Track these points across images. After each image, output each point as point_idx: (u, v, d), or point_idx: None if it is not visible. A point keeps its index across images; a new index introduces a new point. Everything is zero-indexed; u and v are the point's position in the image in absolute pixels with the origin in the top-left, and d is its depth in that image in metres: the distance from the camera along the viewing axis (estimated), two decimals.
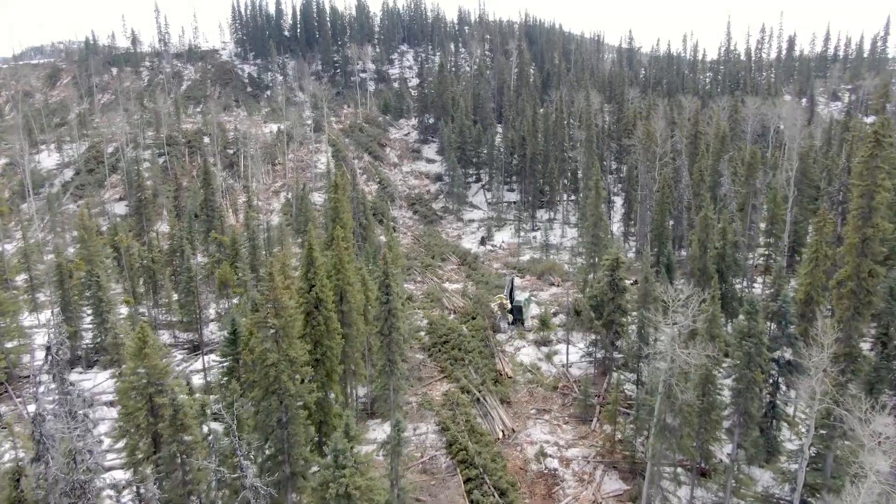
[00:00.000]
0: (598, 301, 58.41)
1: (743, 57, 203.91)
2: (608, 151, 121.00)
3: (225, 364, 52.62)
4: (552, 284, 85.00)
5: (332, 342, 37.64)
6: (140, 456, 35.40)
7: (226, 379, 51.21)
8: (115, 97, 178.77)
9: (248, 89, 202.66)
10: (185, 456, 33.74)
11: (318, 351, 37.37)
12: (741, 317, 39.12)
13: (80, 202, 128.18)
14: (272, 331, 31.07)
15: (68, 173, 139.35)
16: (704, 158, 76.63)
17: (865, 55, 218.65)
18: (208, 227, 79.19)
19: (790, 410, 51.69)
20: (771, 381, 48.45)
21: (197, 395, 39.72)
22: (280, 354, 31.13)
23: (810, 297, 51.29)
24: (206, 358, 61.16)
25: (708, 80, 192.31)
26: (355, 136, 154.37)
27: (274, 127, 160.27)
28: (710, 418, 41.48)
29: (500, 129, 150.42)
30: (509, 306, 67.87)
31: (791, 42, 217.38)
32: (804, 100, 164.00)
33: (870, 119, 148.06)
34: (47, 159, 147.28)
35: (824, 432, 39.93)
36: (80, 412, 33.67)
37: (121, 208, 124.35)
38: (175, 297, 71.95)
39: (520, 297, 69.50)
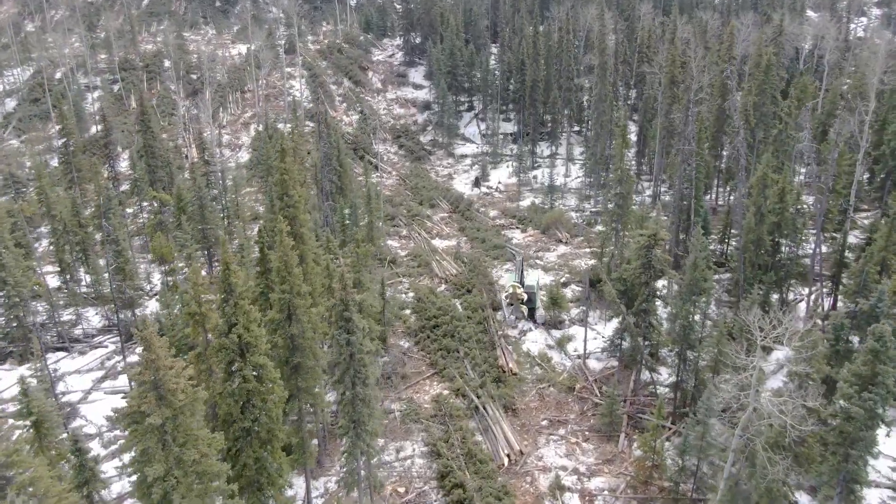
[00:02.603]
0: (628, 285, 46.71)
1: None
2: (619, 77, 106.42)
3: None
4: (559, 241, 72.98)
5: (268, 399, 26.09)
6: None
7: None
8: (70, 14, 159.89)
9: (217, 3, 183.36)
10: None
11: (248, 416, 25.86)
12: (858, 357, 27.54)
13: (23, 137, 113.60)
14: (157, 424, 19.25)
15: (10, 104, 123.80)
16: (749, 94, 63.46)
17: None
18: (151, 178, 66.01)
19: None
20: None
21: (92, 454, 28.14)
22: (170, 462, 19.39)
23: None
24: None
25: None
26: (334, 58, 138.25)
27: (243, 48, 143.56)
28: (796, 472, 30.68)
29: (494, 50, 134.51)
30: (525, 297, 54.99)
31: None
32: (828, 15, 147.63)
33: None
34: None
35: None
36: None
37: None
38: (104, 263, 59.31)
39: (530, 279, 56.73)
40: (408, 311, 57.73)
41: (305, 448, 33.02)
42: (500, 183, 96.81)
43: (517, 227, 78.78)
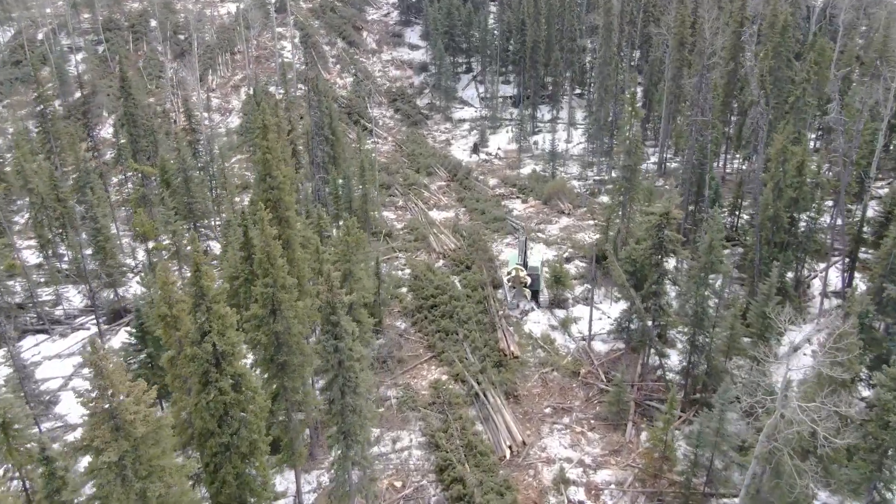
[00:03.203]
0: (638, 265, 44.13)
1: None
2: (624, 38, 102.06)
3: (133, 365, 38.99)
4: (562, 213, 70.11)
5: (249, 409, 23.64)
6: None
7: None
8: None
9: None
10: None
11: (226, 430, 23.41)
12: None
13: (5, 102, 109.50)
14: (112, 461, 16.78)
15: None
16: (766, 59, 59.91)
17: None
18: (134, 148, 62.72)
19: None
20: None
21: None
22: (131, 499, 16.98)
23: None
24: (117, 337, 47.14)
25: None
26: (327, 17, 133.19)
27: (232, 7, 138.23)
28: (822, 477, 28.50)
29: (493, 9, 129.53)
30: (528, 280, 52.08)
31: None
32: None
33: None
34: None
35: None
36: None
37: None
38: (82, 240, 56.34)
39: (534, 259, 53.69)
40: (404, 290, 55.21)
41: (294, 449, 30.77)
42: (499, 149, 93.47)
43: (517, 197, 75.79)
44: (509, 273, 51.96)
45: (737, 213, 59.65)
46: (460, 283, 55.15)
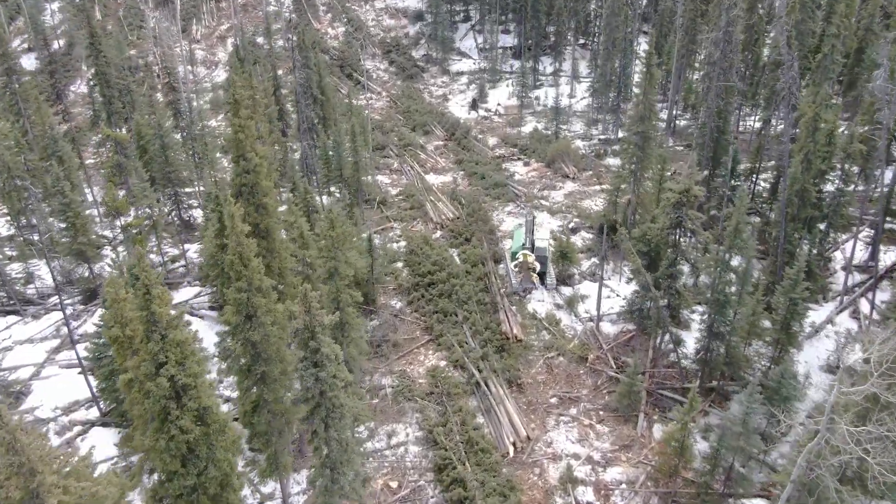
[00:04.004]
0: (652, 245, 40.68)
1: None
2: None
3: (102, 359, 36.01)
4: (566, 177, 66.19)
5: (217, 446, 20.52)
6: None
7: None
8: None
9: None
10: None
11: (191, 470, 20.35)
12: None
13: None
14: None
15: None
16: (792, 12, 55.15)
17: None
18: (108, 111, 58.27)
19: None
20: None
21: None
22: None
23: None
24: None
25: None
26: None
27: None
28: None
29: None
30: (537, 265, 48.35)
31: None
32: None
33: None
34: None
35: None
36: None
37: (29, 62, 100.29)
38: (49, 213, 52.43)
39: (540, 237, 49.73)
40: (399, 265, 51.81)
41: (278, 462, 27.87)
42: (499, 105, 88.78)
43: (519, 159, 71.67)
44: (515, 259, 48.24)
45: (754, 177, 55.93)
46: (459, 257, 51.70)
